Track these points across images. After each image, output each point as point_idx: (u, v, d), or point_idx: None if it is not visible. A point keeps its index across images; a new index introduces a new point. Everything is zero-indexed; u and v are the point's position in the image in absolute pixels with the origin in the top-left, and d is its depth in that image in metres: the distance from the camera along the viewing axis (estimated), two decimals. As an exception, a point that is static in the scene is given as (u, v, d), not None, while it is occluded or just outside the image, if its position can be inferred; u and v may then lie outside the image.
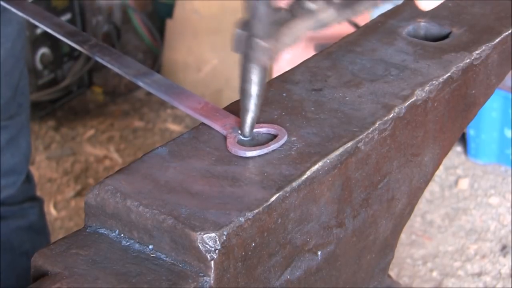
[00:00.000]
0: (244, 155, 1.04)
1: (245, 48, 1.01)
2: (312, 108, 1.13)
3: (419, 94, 1.15)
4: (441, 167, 2.93)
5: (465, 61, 1.22)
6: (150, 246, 0.97)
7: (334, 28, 1.09)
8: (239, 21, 1.02)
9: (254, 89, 1.04)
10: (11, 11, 1.28)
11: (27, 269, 0.97)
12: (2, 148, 1.99)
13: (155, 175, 1.01)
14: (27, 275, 0.98)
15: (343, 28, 3.17)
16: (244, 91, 1.05)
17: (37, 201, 2.20)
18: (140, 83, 1.15)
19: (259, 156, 1.04)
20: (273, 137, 1.07)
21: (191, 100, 1.11)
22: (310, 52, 3.20)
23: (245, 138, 1.07)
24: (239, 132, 1.07)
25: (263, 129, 1.08)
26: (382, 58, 1.23)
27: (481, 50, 1.24)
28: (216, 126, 1.08)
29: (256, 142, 1.06)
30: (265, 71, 1.04)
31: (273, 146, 1.05)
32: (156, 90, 1.14)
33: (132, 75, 1.16)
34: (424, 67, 1.20)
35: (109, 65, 1.18)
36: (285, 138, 1.06)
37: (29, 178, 2.16)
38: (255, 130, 1.07)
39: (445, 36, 1.29)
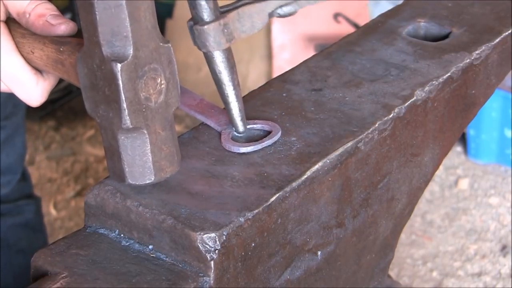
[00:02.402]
0: (238, 151, 1.04)
1: (194, 37, 1.02)
2: (312, 108, 1.13)
3: (419, 94, 1.15)
4: (441, 167, 2.93)
5: (465, 61, 1.22)
6: (150, 246, 0.97)
7: (334, 28, 1.09)
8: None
9: (222, 77, 1.04)
10: None
11: (24, 267, 0.98)
12: None
13: (155, 175, 1.01)
14: (24, 273, 0.98)
15: (343, 28, 3.18)
16: (215, 82, 1.05)
17: (33, 199, 2.20)
18: None
19: (258, 156, 1.04)
20: (268, 133, 1.07)
21: (187, 97, 1.12)
22: (310, 52, 3.20)
23: (239, 134, 1.07)
24: (234, 128, 1.07)
25: (257, 125, 1.08)
26: (382, 58, 1.23)
27: (481, 50, 1.24)
28: (211, 122, 1.08)
29: (250, 138, 1.07)
30: (225, 57, 1.03)
31: (267, 142, 1.05)
32: None
33: None
34: (424, 67, 1.20)
35: None
36: (279, 134, 1.06)
37: (25, 177, 2.16)
38: (249, 126, 1.07)
39: (445, 36, 1.29)
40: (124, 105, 0.91)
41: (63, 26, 1.04)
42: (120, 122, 0.92)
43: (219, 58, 1.03)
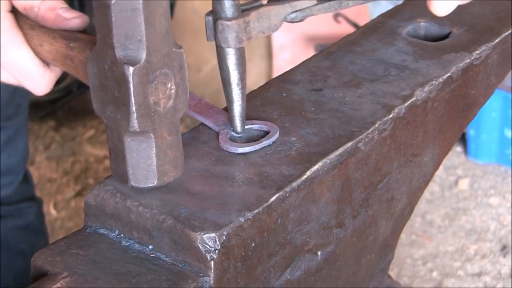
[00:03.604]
0: (236, 151, 1.04)
1: (214, 33, 1.02)
2: (312, 108, 1.13)
3: (419, 94, 1.15)
4: (441, 167, 2.93)
5: (465, 61, 1.22)
6: (150, 246, 0.97)
7: (334, 28, 1.10)
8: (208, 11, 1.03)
9: (232, 76, 1.04)
10: None
11: (24, 269, 0.97)
12: None
13: (155, 175, 1.01)
14: (24, 275, 0.98)
15: (343, 28, 3.17)
16: (223, 81, 1.05)
17: (35, 201, 2.20)
18: None
19: (258, 156, 1.04)
20: (266, 133, 1.07)
21: None
22: (310, 52, 3.20)
23: (237, 135, 1.07)
24: (232, 128, 1.07)
25: (255, 126, 1.08)
26: (382, 58, 1.23)
27: (481, 50, 1.24)
28: (209, 123, 1.08)
29: (248, 138, 1.07)
30: (240, 55, 1.03)
31: (265, 142, 1.05)
32: None
33: None
34: (424, 67, 1.20)
35: None
36: (277, 134, 1.06)
37: (27, 178, 2.16)
38: (247, 126, 1.07)
39: (445, 36, 1.29)
40: (133, 109, 0.91)
41: (77, 20, 1.04)
42: (128, 125, 0.92)
43: (234, 56, 1.03)
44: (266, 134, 1.07)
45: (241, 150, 1.04)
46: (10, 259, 2.07)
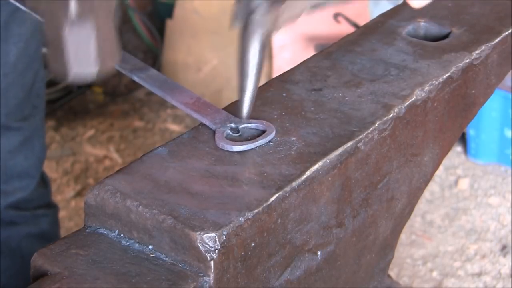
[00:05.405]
0: (231, 150, 1.04)
1: (244, 22, 1.02)
2: (312, 108, 1.13)
3: (419, 94, 1.15)
4: (441, 167, 2.93)
5: (465, 61, 1.22)
6: (150, 246, 0.97)
7: (334, 28, 1.10)
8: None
9: (251, 65, 1.04)
10: (24, 11, 1.27)
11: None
12: (15, 150, 1.96)
13: (155, 175, 1.01)
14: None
15: (343, 28, 3.17)
16: (241, 68, 1.05)
17: (51, 209, 2.17)
18: (135, 78, 1.15)
19: (258, 156, 1.04)
20: (262, 132, 1.07)
21: (184, 95, 1.12)
22: (310, 52, 3.20)
23: (234, 134, 1.07)
24: (230, 124, 1.07)
25: (252, 125, 1.08)
26: (382, 58, 1.23)
27: (481, 50, 1.25)
28: (206, 121, 1.09)
29: (245, 137, 1.07)
30: (264, 47, 1.04)
31: (261, 141, 1.05)
32: (150, 85, 1.14)
33: (128, 70, 1.16)
34: (424, 67, 1.20)
35: None
36: (273, 133, 1.06)
37: (45, 183, 2.12)
38: (244, 125, 1.07)
39: (445, 36, 1.29)
40: None
41: None
42: (66, 13, 0.91)
43: (261, 47, 1.04)
44: (263, 133, 1.07)
45: (236, 148, 1.04)
46: (22, 267, 2.05)
